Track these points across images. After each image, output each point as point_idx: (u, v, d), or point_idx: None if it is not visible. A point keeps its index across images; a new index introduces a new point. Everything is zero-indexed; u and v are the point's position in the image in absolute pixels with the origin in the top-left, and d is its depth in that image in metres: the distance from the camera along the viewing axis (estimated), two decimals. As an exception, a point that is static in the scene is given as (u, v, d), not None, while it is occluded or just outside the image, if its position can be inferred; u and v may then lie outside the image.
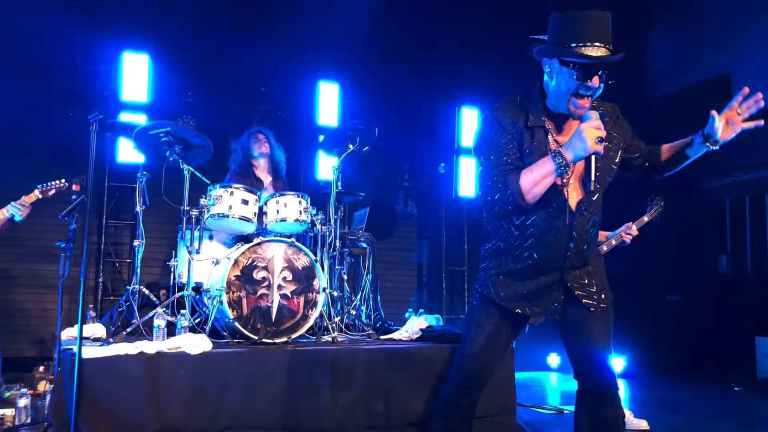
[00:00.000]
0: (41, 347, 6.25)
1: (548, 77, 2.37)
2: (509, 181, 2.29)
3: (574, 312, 2.44)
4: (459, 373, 2.56)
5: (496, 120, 2.39)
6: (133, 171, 4.96)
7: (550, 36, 2.34)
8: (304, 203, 4.85)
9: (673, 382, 6.98)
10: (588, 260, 2.46)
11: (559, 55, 2.27)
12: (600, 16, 2.28)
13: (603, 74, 2.26)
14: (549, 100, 2.38)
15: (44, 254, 6.16)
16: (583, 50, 2.22)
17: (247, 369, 3.77)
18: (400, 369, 4.08)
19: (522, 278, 2.43)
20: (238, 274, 4.33)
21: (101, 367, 3.42)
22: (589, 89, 2.27)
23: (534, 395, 5.84)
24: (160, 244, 6.51)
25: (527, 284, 2.42)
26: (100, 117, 3.62)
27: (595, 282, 2.45)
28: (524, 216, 2.38)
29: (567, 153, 2.23)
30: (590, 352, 2.42)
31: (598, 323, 2.43)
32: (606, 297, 2.46)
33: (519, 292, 2.43)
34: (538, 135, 2.37)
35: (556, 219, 2.36)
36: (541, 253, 2.39)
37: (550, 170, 2.23)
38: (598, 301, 2.42)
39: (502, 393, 4.23)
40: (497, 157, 2.34)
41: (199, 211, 4.62)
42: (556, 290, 2.42)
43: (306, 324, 4.46)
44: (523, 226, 2.40)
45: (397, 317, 6.12)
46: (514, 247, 2.42)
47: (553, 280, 2.41)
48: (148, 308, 4.51)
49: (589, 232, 2.44)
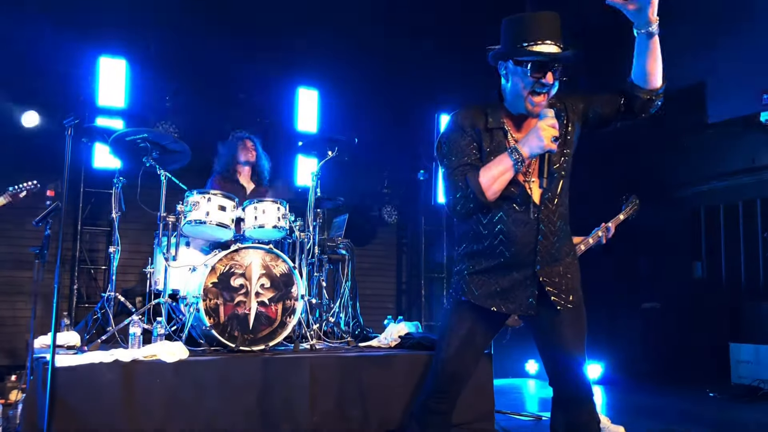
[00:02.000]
0: (13, 356, 6.14)
1: (504, 80, 2.44)
2: (469, 180, 2.34)
3: (548, 315, 2.43)
4: (435, 378, 2.55)
5: (456, 123, 2.46)
6: (110, 176, 4.90)
7: (503, 39, 2.42)
8: (283, 210, 4.82)
9: (649, 388, 7.04)
10: (560, 257, 2.46)
11: (512, 55, 2.35)
12: (550, 16, 2.36)
13: (556, 71, 2.32)
14: (507, 102, 2.46)
15: (17, 261, 6.08)
16: (534, 48, 2.29)
17: (224, 377, 3.73)
18: (379, 376, 4.07)
19: (495, 276, 2.44)
20: (215, 281, 4.29)
21: (75, 375, 3.37)
22: (544, 86, 2.32)
23: (512, 402, 5.85)
24: (136, 250, 6.44)
25: (500, 281, 2.43)
26: (76, 122, 3.58)
27: (565, 282, 2.45)
28: (490, 214, 2.42)
29: (523, 149, 2.30)
30: (564, 359, 2.43)
31: (572, 329, 2.44)
32: (575, 298, 2.45)
33: (493, 289, 2.44)
34: (498, 136, 2.43)
35: (522, 214, 2.40)
36: (512, 249, 2.41)
37: (508, 166, 2.30)
38: (565, 301, 2.42)
39: (480, 400, 4.23)
40: (458, 158, 2.40)
41: (176, 218, 4.57)
42: (529, 285, 2.42)
43: (284, 331, 4.43)
44: (490, 224, 2.42)
45: (376, 324, 6.10)
46: (485, 247, 2.44)
47: (525, 275, 2.41)
48: (124, 316, 4.45)
49: (557, 224, 2.45)
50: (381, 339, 4.94)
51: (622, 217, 4.05)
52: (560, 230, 2.47)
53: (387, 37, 7.38)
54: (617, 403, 6.23)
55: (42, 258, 4.62)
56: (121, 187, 4.72)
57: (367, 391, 3.99)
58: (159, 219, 4.58)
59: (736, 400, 6.09)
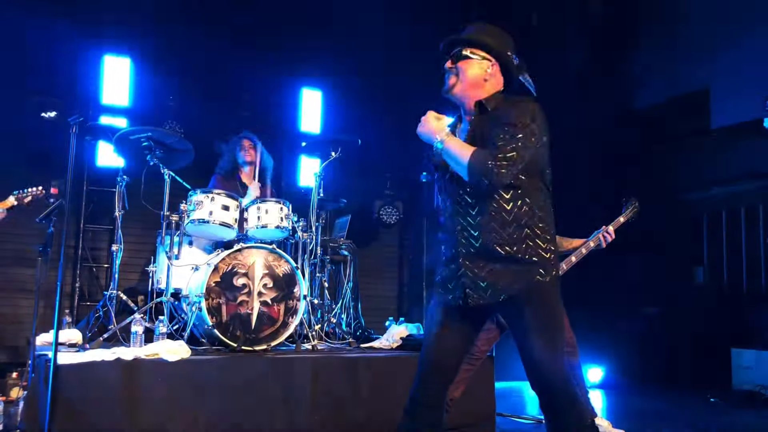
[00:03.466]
0: (14, 353, 6.13)
1: None
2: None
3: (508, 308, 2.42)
4: (420, 367, 2.57)
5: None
6: (113, 175, 4.91)
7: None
8: (286, 210, 4.83)
9: (650, 393, 7.03)
10: (480, 252, 2.41)
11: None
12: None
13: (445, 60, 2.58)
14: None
15: (20, 258, 6.07)
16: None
17: (225, 376, 3.74)
18: (380, 377, 4.07)
19: (442, 266, 2.56)
20: (217, 280, 4.30)
21: (77, 373, 3.37)
22: (445, 74, 2.58)
23: (513, 405, 5.85)
24: (138, 249, 6.44)
25: (443, 272, 2.55)
26: (80, 120, 3.59)
27: (483, 276, 2.39)
28: (441, 208, 2.58)
29: None
30: (522, 352, 2.39)
31: (523, 323, 2.37)
32: (494, 292, 2.37)
33: (440, 279, 2.56)
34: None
35: (449, 206, 2.53)
36: (445, 239, 2.54)
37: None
38: (480, 297, 2.39)
39: (481, 402, 4.24)
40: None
41: (179, 217, 4.58)
42: (461, 277, 2.44)
43: (286, 331, 4.43)
44: (440, 215, 2.59)
45: (378, 325, 6.10)
46: (440, 237, 2.60)
47: (457, 266, 2.47)
48: (126, 314, 4.46)
49: (476, 218, 2.42)
50: (383, 340, 4.95)
51: (623, 219, 4.04)
52: (480, 226, 2.40)
53: (391, 38, 7.37)
54: (618, 407, 6.23)
55: (45, 255, 4.62)
56: (124, 186, 4.72)
57: (368, 392, 4.00)
58: (162, 218, 4.59)
59: (737, 406, 6.08)
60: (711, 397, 6.34)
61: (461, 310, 2.48)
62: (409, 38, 7.40)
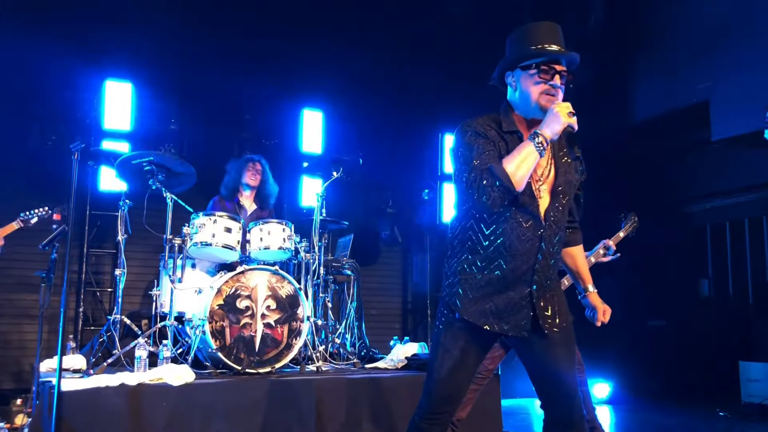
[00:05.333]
0: (19, 379, 6.12)
1: (512, 90, 2.45)
2: (493, 168, 2.26)
3: (538, 336, 2.39)
4: (428, 399, 2.48)
5: (471, 127, 2.40)
6: (115, 199, 4.93)
7: (509, 51, 2.45)
8: (288, 231, 4.83)
9: (658, 408, 6.97)
10: (552, 279, 2.44)
11: (520, 60, 2.38)
12: (551, 24, 2.41)
13: (563, 76, 2.36)
14: (517, 110, 2.45)
15: (24, 284, 6.07)
16: (541, 49, 2.34)
17: (230, 400, 3.72)
18: (386, 398, 4.05)
19: (490, 293, 2.37)
20: (221, 303, 4.29)
21: (81, 399, 3.36)
22: (553, 88, 2.34)
23: (520, 423, 5.81)
24: (142, 273, 6.44)
25: (495, 299, 2.37)
26: (82, 146, 3.61)
27: (551, 305, 2.41)
28: (494, 225, 2.36)
29: (544, 131, 2.25)
30: (556, 380, 2.38)
31: (562, 349, 2.39)
32: (563, 320, 2.42)
33: (486, 308, 2.37)
34: (512, 140, 2.39)
35: (526, 229, 2.35)
36: (510, 264, 2.35)
37: (531, 150, 2.24)
38: (553, 325, 2.39)
39: (488, 421, 4.21)
40: (478, 153, 2.32)
41: (182, 240, 4.58)
42: (524, 306, 2.37)
43: (290, 353, 4.42)
44: (493, 235, 2.36)
45: (382, 345, 6.08)
46: (482, 258, 2.38)
47: (521, 295, 2.37)
48: (130, 338, 4.45)
49: (556, 246, 2.43)
50: (388, 360, 4.92)
51: (622, 234, 4.04)
52: (557, 253, 2.46)
53: (391, 58, 7.43)
54: (626, 423, 6.17)
55: (48, 281, 4.63)
56: (127, 210, 4.73)
57: (374, 414, 3.97)
58: (165, 241, 4.60)
59: (746, 420, 6.03)
60: (720, 411, 6.29)
61: (489, 337, 2.44)
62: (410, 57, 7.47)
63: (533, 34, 2.38)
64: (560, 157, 2.44)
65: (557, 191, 2.40)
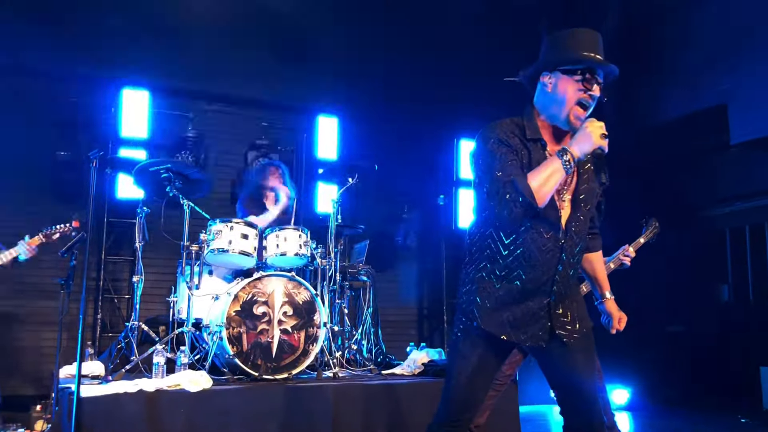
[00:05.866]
0: (38, 385, 6.16)
1: (545, 91, 2.37)
2: (517, 182, 2.21)
3: (557, 344, 2.36)
4: (446, 407, 2.46)
5: (493, 133, 2.35)
6: (133, 206, 4.96)
7: (550, 51, 2.38)
8: (304, 237, 4.84)
9: (678, 414, 6.89)
10: (571, 287, 2.42)
11: (565, 62, 2.31)
12: (597, 34, 2.36)
13: (600, 86, 2.32)
14: (543, 114, 2.40)
15: (43, 291, 6.12)
16: (589, 56, 2.29)
17: (247, 406, 3.72)
18: (403, 405, 4.04)
19: (508, 303, 2.35)
20: (238, 309, 4.30)
21: (100, 405, 3.38)
22: (591, 99, 2.30)
23: (538, 429, 5.76)
24: (159, 279, 6.47)
25: (513, 309, 2.34)
26: (100, 154, 3.64)
27: (570, 311, 2.39)
28: (514, 235, 2.32)
29: (573, 149, 2.22)
30: (576, 386, 2.35)
31: (582, 355, 2.37)
32: (583, 326, 2.40)
33: (504, 318, 2.34)
34: (535, 148, 2.35)
35: (547, 239, 2.32)
36: (530, 274, 2.32)
37: (557, 167, 2.21)
38: (572, 332, 2.36)
39: (506, 427, 4.18)
40: (501, 164, 2.27)
41: (199, 246, 4.61)
42: (542, 317, 2.34)
43: (307, 359, 4.42)
44: (513, 245, 2.33)
45: (399, 351, 6.06)
46: (501, 267, 2.35)
47: (539, 305, 2.34)
48: (148, 345, 4.47)
49: (576, 257, 2.41)
50: (404, 367, 4.91)
51: (643, 240, 4.01)
52: (577, 263, 2.44)
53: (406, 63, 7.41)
54: (646, 429, 6.10)
55: (67, 288, 4.66)
56: (144, 217, 4.76)
57: (390, 420, 3.96)
58: (182, 248, 4.62)
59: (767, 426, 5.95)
60: (741, 418, 6.20)
61: (506, 345, 2.41)
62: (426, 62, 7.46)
63: (580, 39, 2.33)
64: (582, 164, 2.40)
65: (579, 200, 2.37)
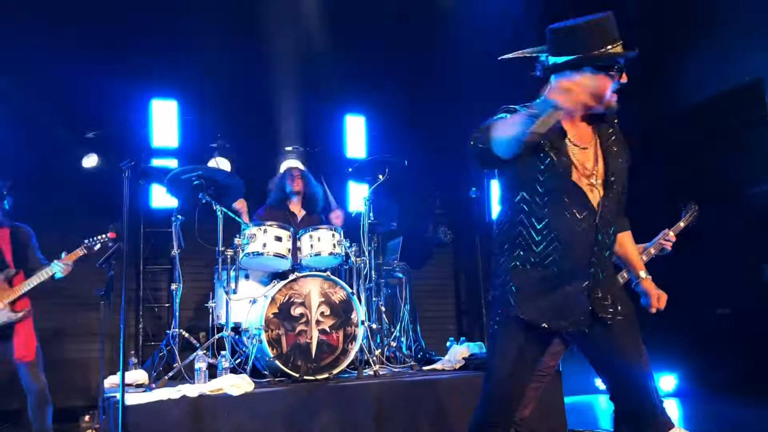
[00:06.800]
0: (86, 396, 6.27)
1: None
2: (484, 127, 2.28)
3: (600, 328, 2.31)
4: (488, 402, 2.42)
5: (507, 111, 2.36)
6: (168, 215, 5.01)
7: (572, 45, 2.28)
8: (338, 236, 4.83)
9: (728, 400, 6.72)
10: (608, 269, 2.37)
11: (596, 61, 2.23)
12: (609, 16, 2.28)
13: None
14: None
15: (84, 303, 6.21)
16: (612, 50, 2.23)
17: (289, 407, 3.73)
18: (446, 400, 4.00)
19: (546, 290, 2.29)
20: (275, 311, 4.31)
21: (145, 413, 3.42)
22: (621, 85, 2.29)
23: (585, 419, 5.66)
24: (197, 286, 6.53)
25: (551, 296, 2.28)
26: (132, 164, 3.67)
27: (610, 294, 2.33)
28: (546, 219, 2.28)
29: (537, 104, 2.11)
30: (625, 369, 2.29)
31: (627, 337, 2.31)
32: (625, 308, 2.34)
33: (543, 305, 2.29)
34: (553, 134, 2.26)
35: (581, 221, 2.27)
36: (566, 258, 2.27)
37: (519, 119, 2.09)
38: (616, 314, 2.30)
39: (552, 418, 4.12)
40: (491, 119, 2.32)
41: (234, 251, 4.63)
42: (583, 301, 2.28)
43: (346, 358, 4.41)
44: (545, 229, 2.28)
45: (438, 346, 6.02)
46: (535, 254, 2.30)
47: (577, 289, 2.28)
48: (189, 351, 4.51)
49: (611, 237, 2.36)
50: (445, 362, 4.87)
51: (683, 224, 3.90)
52: (612, 244, 2.39)
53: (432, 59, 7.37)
54: (695, 415, 5.97)
55: (107, 299, 4.73)
56: (179, 225, 4.80)
57: (433, 416, 3.93)
58: (218, 253, 4.65)
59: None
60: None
61: (547, 333, 2.34)
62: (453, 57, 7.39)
63: (605, 30, 2.25)
64: (609, 146, 2.36)
65: (610, 182, 2.32)
